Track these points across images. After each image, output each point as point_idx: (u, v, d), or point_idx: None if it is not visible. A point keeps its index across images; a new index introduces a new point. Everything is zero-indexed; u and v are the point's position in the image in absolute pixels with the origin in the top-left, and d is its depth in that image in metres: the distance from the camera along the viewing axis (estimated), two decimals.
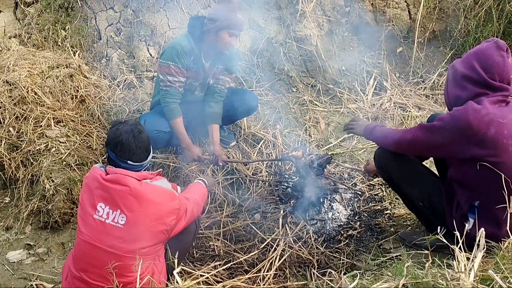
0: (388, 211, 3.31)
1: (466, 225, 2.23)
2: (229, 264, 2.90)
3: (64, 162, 3.28)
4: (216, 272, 2.80)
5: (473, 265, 1.82)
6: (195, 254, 3.03)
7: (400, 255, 2.70)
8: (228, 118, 3.54)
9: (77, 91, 3.74)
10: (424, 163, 2.73)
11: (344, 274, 2.65)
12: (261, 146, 3.79)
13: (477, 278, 1.83)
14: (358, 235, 3.14)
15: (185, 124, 3.24)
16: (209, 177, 3.16)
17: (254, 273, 2.80)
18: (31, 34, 4.24)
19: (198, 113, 3.36)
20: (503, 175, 2.16)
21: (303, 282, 2.71)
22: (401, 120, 4.21)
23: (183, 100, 3.25)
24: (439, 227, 1.97)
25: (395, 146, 2.47)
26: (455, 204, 2.42)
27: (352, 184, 3.58)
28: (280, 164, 3.71)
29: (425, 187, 2.51)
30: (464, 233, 2.03)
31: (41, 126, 3.42)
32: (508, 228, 2.18)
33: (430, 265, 1.96)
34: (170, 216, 2.32)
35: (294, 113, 4.20)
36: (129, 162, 2.31)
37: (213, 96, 3.36)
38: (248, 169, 3.60)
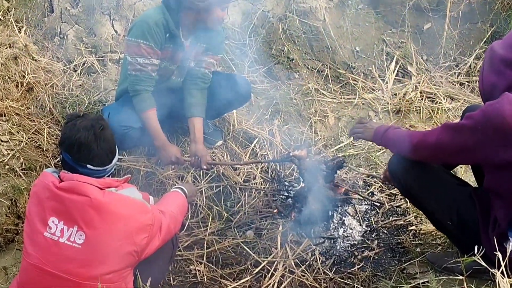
0: (413, 227, 3.31)
1: (509, 245, 2.23)
2: None
3: (7, 166, 3.26)
4: None
5: None
6: (172, 281, 3.02)
7: (428, 282, 2.70)
8: (214, 110, 3.54)
9: (24, 77, 3.72)
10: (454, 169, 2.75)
11: None
12: (254, 146, 3.79)
13: None
14: (376, 257, 3.14)
15: (160, 117, 3.20)
16: (189, 184, 3.16)
17: None
18: None
19: (176, 103, 3.35)
20: None
21: None
22: (429, 113, 4.23)
23: (157, 87, 3.24)
24: (476, 247, 1.98)
25: (414, 152, 2.45)
26: (491, 220, 2.41)
27: (368, 194, 3.59)
28: (278, 168, 3.71)
29: (453, 200, 2.49)
30: (508, 255, 2.04)
31: None
32: None
33: None
34: (140, 233, 2.31)
35: (296, 105, 4.21)
36: (89, 166, 2.30)
37: (195, 82, 3.36)
38: (238, 175, 3.60)
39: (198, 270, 3.07)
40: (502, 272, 1.92)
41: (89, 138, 2.29)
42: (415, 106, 4.26)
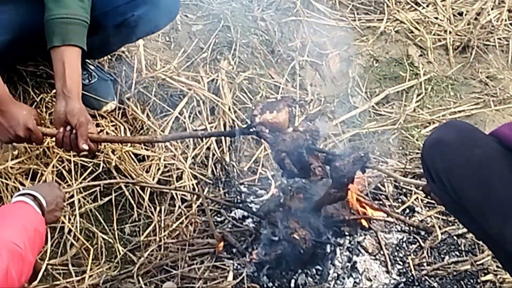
0: (490, 277, 3.38)
1: None
2: None
3: None
4: None
5: None
6: None
7: None
8: (102, 38, 3.54)
9: None
10: None
11: None
12: (181, 112, 3.85)
13: None
14: None
15: None
16: (49, 187, 3.09)
17: None
18: None
19: (29, 20, 3.36)
20: None
21: None
22: None
23: None
24: None
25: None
26: None
27: (404, 211, 3.67)
28: (228, 156, 3.79)
29: None
30: None
31: None
32: None
33: None
34: None
35: (266, 33, 4.28)
36: None
37: None
38: (147, 170, 3.64)
39: None
40: None
41: None
42: (499, 38, 4.38)
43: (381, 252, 3.46)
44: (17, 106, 3.21)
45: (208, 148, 3.79)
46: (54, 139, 3.25)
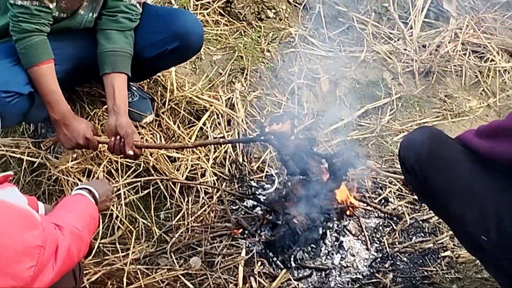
0: (448, 253, 3.40)
1: None
2: None
3: None
4: None
5: None
6: None
7: None
8: (142, 66, 3.55)
9: None
10: None
11: None
12: (204, 123, 3.85)
13: None
14: None
15: (60, 76, 3.22)
16: (101, 183, 2.99)
17: None
18: None
19: (85, 53, 3.38)
20: None
21: None
22: (476, 77, 4.34)
23: (56, 28, 3.24)
24: None
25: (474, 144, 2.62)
26: None
27: (380, 201, 3.70)
28: (241, 158, 3.80)
29: (494, 205, 2.55)
30: None
31: None
32: None
33: None
34: (24, 261, 2.19)
35: (271, 61, 4.28)
36: None
37: (116, 19, 3.37)
38: (178, 168, 3.65)
39: None
40: None
41: None
42: (454, 66, 4.36)
43: (362, 234, 3.50)
44: (78, 120, 3.27)
45: (226, 152, 3.80)
46: (106, 146, 3.31)
